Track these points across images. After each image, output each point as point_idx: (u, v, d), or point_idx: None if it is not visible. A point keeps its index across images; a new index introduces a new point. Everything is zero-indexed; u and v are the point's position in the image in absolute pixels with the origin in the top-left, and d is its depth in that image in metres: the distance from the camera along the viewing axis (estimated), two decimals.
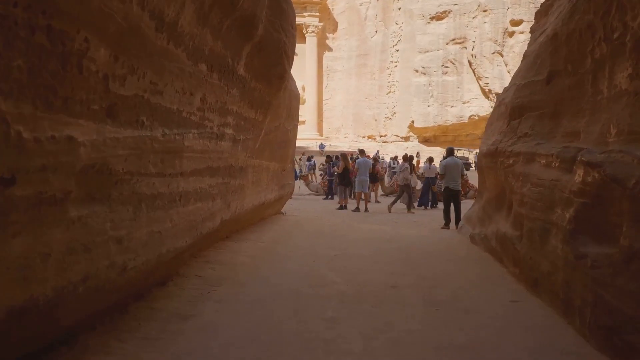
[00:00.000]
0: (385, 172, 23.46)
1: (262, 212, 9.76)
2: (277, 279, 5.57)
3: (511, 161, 6.33)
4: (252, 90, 6.42)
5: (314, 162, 25.77)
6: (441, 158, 18.46)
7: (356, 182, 15.32)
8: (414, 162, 18.65)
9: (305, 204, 16.77)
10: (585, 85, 4.68)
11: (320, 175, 23.65)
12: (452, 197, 11.45)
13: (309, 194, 21.00)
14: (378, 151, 37.11)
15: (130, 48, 3.04)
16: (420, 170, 19.60)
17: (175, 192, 4.17)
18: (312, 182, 22.64)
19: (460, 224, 10.45)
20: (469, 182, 17.93)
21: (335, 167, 17.63)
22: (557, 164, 4.80)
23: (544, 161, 5.20)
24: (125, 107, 3.16)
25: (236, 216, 7.06)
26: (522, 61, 7.74)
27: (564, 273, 4.22)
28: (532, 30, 8.11)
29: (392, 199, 20.01)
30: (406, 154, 17.95)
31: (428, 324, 4.23)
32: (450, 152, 12.32)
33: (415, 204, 16.12)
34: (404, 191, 15.36)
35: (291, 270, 6.06)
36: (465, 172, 14.29)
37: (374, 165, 18.06)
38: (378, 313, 4.49)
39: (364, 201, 15.04)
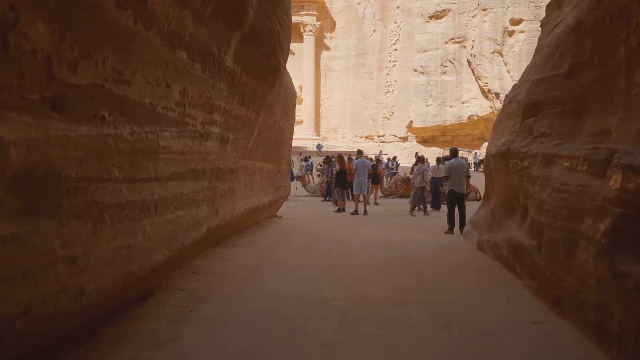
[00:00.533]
0: (385, 173, 23.05)
1: (255, 215, 9.20)
2: (270, 294, 5.02)
3: (526, 163, 5.78)
4: (243, 84, 5.84)
5: (311, 163, 25.26)
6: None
7: (354, 184, 14.77)
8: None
9: (302, 206, 16.26)
10: (617, 78, 4.12)
11: (318, 175, 23.11)
12: (456, 200, 10.93)
13: (306, 196, 20.54)
14: (381, 152, 36.63)
15: (83, 25, 2.46)
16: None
17: (149, 199, 3.59)
18: (309, 183, 22.15)
19: (465, 229, 9.90)
20: (470, 183, 17.47)
21: (333, 168, 17.10)
22: (584, 167, 4.25)
23: (568, 164, 4.65)
24: (79, 99, 2.57)
25: (226, 222, 6.49)
26: (534, 55, 7.20)
27: (597, 293, 3.67)
28: (543, 24, 7.57)
29: (391, 200, 19.61)
30: (422, 156, 17.40)
31: (441, 351, 3.69)
32: (454, 153, 11.67)
33: (428, 207, 15.83)
34: (422, 193, 14.94)
35: (286, 283, 5.51)
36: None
37: (376, 166, 17.56)
38: (383, 337, 3.94)
39: (362, 204, 14.50)
